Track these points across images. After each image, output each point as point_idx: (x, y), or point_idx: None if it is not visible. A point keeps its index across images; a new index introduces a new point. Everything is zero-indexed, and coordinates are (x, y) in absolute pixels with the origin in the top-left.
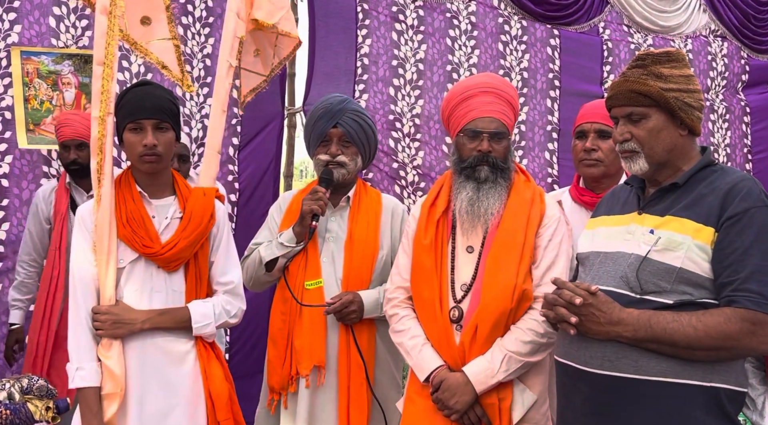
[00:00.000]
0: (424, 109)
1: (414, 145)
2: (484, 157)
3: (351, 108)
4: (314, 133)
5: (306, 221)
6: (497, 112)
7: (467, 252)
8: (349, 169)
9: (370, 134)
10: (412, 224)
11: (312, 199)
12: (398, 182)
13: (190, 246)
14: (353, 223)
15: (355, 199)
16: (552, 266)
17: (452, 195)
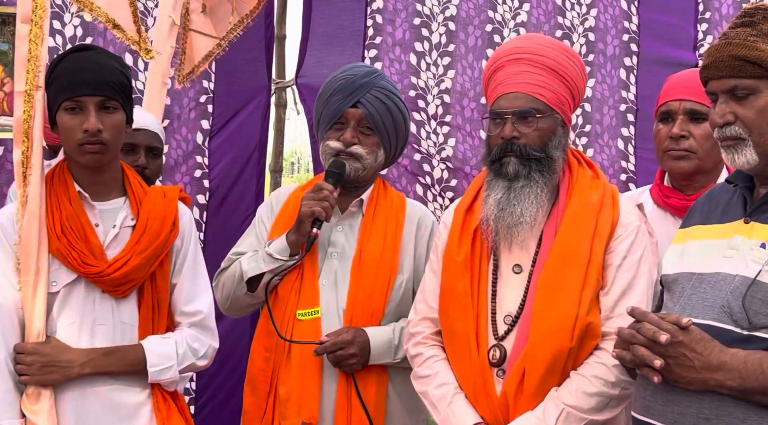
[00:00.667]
0: (456, 82)
1: (442, 130)
2: (508, 145)
3: (379, 84)
4: (327, 110)
5: (304, 227)
6: (528, 85)
7: (513, 272)
8: (365, 164)
9: (399, 121)
10: (442, 235)
11: (315, 198)
12: (420, 179)
13: (145, 265)
14: (366, 236)
15: (371, 204)
16: (628, 291)
17: (482, 198)
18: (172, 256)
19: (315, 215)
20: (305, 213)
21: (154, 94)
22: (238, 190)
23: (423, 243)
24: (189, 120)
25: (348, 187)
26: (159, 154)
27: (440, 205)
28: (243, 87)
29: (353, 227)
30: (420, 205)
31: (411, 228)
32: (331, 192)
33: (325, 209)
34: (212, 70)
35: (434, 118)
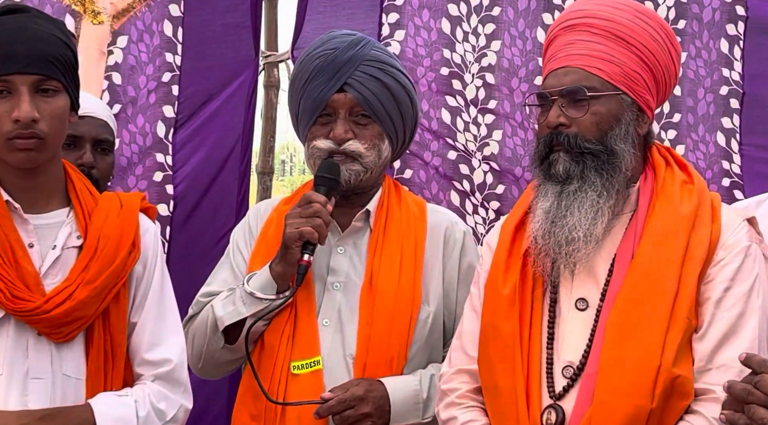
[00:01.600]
0: (502, 57)
1: (485, 120)
2: (554, 135)
3: (369, 56)
4: (306, 101)
5: (292, 254)
6: (581, 57)
7: (576, 309)
8: (367, 164)
9: (403, 99)
10: (485, 260)
11: (303, 214)
12: (457, 185)
13: (95, 299)
14: (376, 258)
15: (380, 216)
16: (732, 335)
17: (531, 207)
18: (131, 287)
19: (304, 237)
20: (291, 236)
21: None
22: (213, 200)
23: (453, 263)
24: (147, 105)
25: (348, 196)
26: (110, 150)
27: (483, 219)
28: (220, 61)
29: (359, 248)
30: (445, 211)
31: (436, 242)
32: (323, 205)
33: (317, 228)
34: (178, 38)
35: (474, 103)
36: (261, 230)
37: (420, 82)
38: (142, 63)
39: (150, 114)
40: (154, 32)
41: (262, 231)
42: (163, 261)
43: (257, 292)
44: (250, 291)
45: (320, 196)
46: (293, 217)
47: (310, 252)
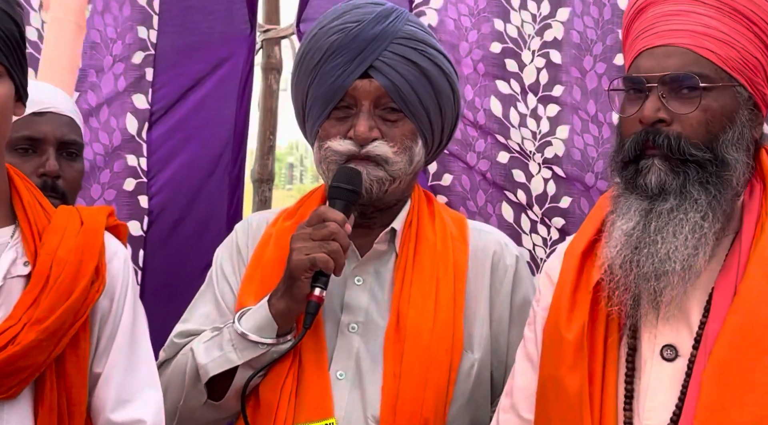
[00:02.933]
0: (571, 30)
1: (547, 112)
2: (649, 134)
3: (403, 31)
4: (317, 88)
5: (300, 288)
6: (692, 35)
7: (663, 358)
8: (395, 171)
9: (444, 89)
10: (544, 294)
11: (315, 236)
12: (510, 195)
13: (46, 343)
14: (405, 292)
15: (409, 236)
16: None
17: (605, 226)
18: (94, 327)
19: (317, 267)
20: (300, 265)
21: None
22: (198, 215)
23: (503, 297)
24: (114, 93)
25: (367, 212)
26: (78, 154)
27: (544, 239)
28: (207, 37)
29: (382, 278)
30: (492, 230)
31: (481, 271)
32: (341, 224)
33: (333, 255)
34: (154, 8)
35: (533, 90)
36: (254, 252)
37: (463, 62)
38: (107, 39)
39: (118, 105)
40: (124, 0)
41: (256, 254)
42: (135, 293)
43: (252, 334)
44: (242, 332)
45: (337, 213)
46: (302, 240)
47: (323, 286)
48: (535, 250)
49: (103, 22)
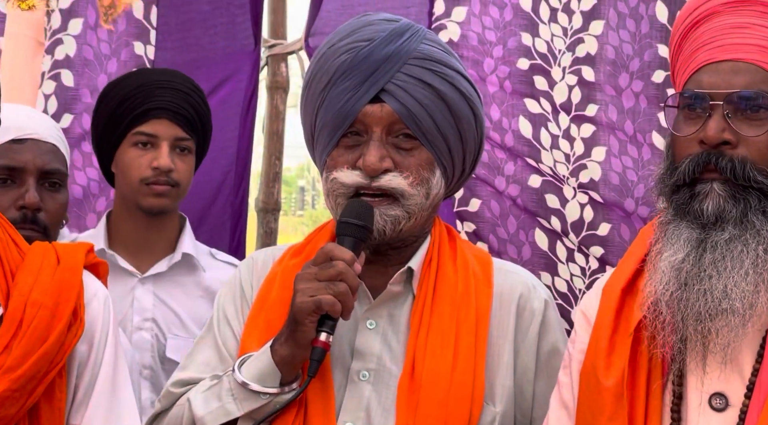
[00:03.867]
0: (606, 44)
1: (581, 132)
2: (711, 156)
3: (419, 51)
4: (325, 113)
5: (304, 333)
6: (764, 51)
7: (711, 408)
8: (411, 206)
9: (465, 114)
10: (580, 335)
11: (321, 276)
12: (544, 222)
13: (18, 393)
14: (421, 337)
15: (427, 277)
16: None
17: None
18: (71, 375)
19: (323, 310)
20: (305, 308)
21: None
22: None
23: (529, 345)
24: None
25: (383, 250)
26: (61, 184)
27: (582, 269)
28: (208, 55)
29: (397, 322)
30: (520, 271)
31: (505, 316)
32: (349, 263)
33: (340, 297)
34: (151, 22)
35: (566, 109)
36: (258, 293)
37: (489, 79)
38: (101, 56)
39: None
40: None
41: (260, 295)
42: (116, 338)
43: (253, 384)
44: (243, 381)
45: (346, 251)
46: (307, 280)
47: (330, 331)
48: (573, 281)
49: (96, 38)
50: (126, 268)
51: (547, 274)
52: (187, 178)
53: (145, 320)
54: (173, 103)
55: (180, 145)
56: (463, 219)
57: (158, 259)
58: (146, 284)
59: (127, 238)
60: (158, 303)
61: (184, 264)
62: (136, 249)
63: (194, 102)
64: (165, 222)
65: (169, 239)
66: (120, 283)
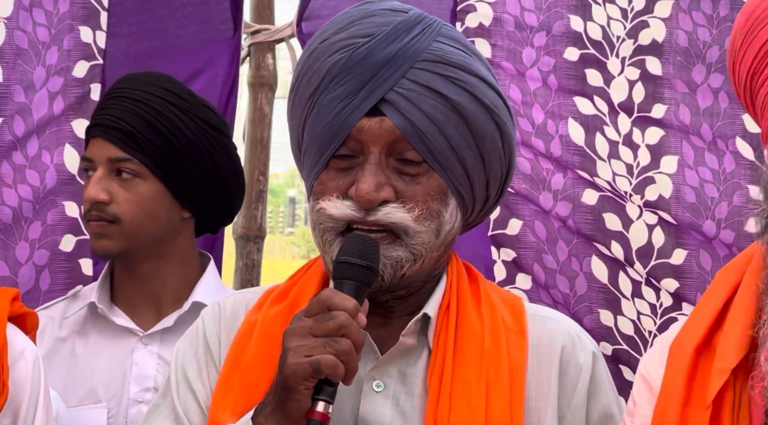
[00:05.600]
0: (675, 30)
1: (646, 139)
2: None
3: (431, 50)
4: (314, 124)
5: (298, 402)
6: None
7: None
8: (416, 246)
9: (487, 130)
10: (641, 406)
11: (318, 332)
12: (602, 248)
13: None
14: (443, 402)
15: (446, 326)
16: None
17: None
18: None
19: (322, 374)
20: (299, 371)
21: None
22: None
23: (577, 410)
24: (48, 118)
25: (381, 301)
26: None
27: (652, 307)
28: (175, 42)
29: (410, 382)
30: (560, 318)
31: (545, 374)
32: (352, 314)
33: (342, 357)
34: (102, 3)
35: (626, 109)
36: (230, 350)
37: (529, 74)
38: (37, 44)
39: (52, 133)
40: None
41: (233, 352)
42: (49, 409)
43: None
44: None
45: (348, 299)
46: (300, 336)
47: (330, 399)
48: (641, 321)
49: (32, 21)
50: (124, 326)
51: (608, 313)
52: (134, 212)
53: (145, 390)
54: (109, 117)
55: (119, 168)
56: (500, 245)
57: (168, 314)
58: (149, 344)
59: (127, 290)
60: (163, 367)
61: (194, 316)
62: (140, 302)
63: (143, 112)
64: (166, 267)
65: (182, 287)
66: (116, 345)
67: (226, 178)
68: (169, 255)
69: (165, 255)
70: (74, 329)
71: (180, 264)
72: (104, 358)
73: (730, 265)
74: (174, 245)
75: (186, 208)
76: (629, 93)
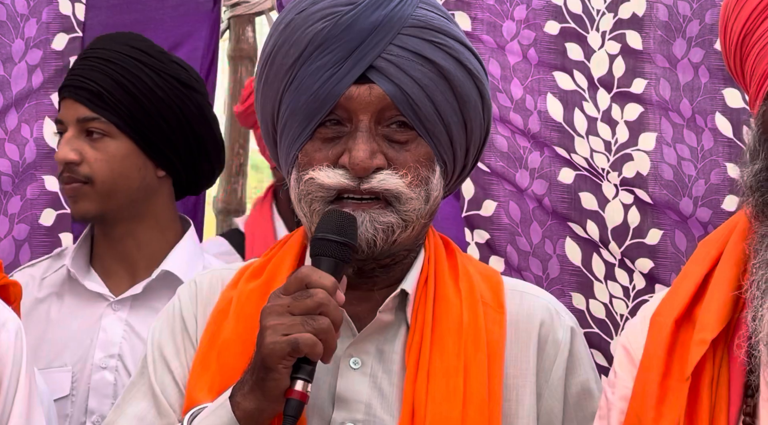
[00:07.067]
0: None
1: (625, 115)
2: None
3: (414, 17)
4: (296, 96)
5: (276, 381)
6: None
7: None
8: (408, 212)
9: (470, 96)
10: (622, 377)
11: (295, 310)
12: (577, 229)
13: None
14: (420, 379)
15: (424, 301)
16: None
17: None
18: None
19: (300, 352)
20: (277, 350)
21: None
22: None
23: (555, 384)
24: (27, 92)
25: (368, 269)
26: None
27: (625, 289)
28: (154, 15)
29: (388, 359)
30: (538, 293)
31: (523, 349)
32: (331, 291)
33: (321, 335)
34: None
35: (606, 85)
36: (207, 327)
37: (509, 47)
38: (15, 17)
39: (32, 107)
40: None
41: (209, 330)
42: (32, 381)
43: None
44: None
45: (325, 276)
46: (278, 314)
47: (308, 378)
48: (613, 304)
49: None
50: (96, 291)
51: (580, 296)
52: (105, 171)
53: (110, 357)
54: (78, 78)
55: (88, 128)
56: (474, 227)
57: (142, 279)
58: (118, 310)
59: (103, 253)
60: (129, 334)
61: (166, 284)
62: (115, 266)
63: (111, 70)
64: (142, 229)
65: (158, 252)
66: (87, 310)
67: (201, 135)
68: (145, 216)
69: (141, 217)
70: (52, 290)
71: (157, 227)
72: (76, 322)
73: (712, 237)
74: (151, 206)
75: (161, 167)
76: (609, 67)
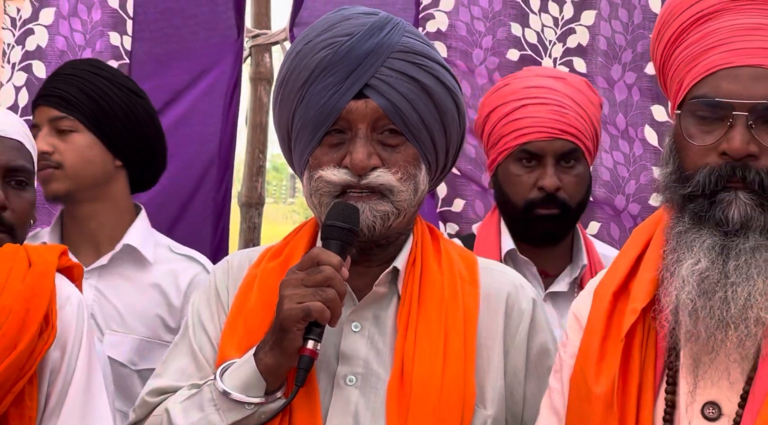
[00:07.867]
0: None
1: None
2: (735, 169)
3: (401, 44)
4: (306, 111)
5: (291, 341)
6: None
7: (704, 418)
8: (400, 202)
9: (449, 108)
10: (572, 339)
11: (308, 283)
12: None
13: None
14: (409, 340)
15: (412, 277)
16: None
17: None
18: (43, 383)
19: (311, 317)
20: (292, 315)
21: None
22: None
23: (519, 345)
24: None
25: (367, 249)
26: (28, 182)
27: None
28: (188, 45)
29: (383, 324)
30: (506, 270)
31: (493, 317)
32: (337, 268)
33: (329, 304)
34: (128, 11)
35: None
36: (236, 298)
37: (478, 71)
38: (75, 47)
39: None
40: (94, 2)
41: (238, 300)
42: (90, 343)
43: (236, 394)
44: (225, 390)
45: (333, 256)
46: (294, 286)
47: (318, 338)
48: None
49: (69, 28)
50: None
51: None
52: (73, 158)
53: None
54: (50, 88)
55: (58, 127)
56: (446, 220)
57: (105, 253)
58: (89, 278)
59: (72, 231)
60: (99, 298)
61: (127, 256)
62: (82, 242)
63: (76, 81)
64: (103, 210)
65: (116, 231)
66: None
67: (149, 133)
68: (105, 198)
69: (102, 199)
70: None
71: (115, 209)
72: None
73: (644, 225)
74: (109, 190)
75: (117, 158)
76: None
